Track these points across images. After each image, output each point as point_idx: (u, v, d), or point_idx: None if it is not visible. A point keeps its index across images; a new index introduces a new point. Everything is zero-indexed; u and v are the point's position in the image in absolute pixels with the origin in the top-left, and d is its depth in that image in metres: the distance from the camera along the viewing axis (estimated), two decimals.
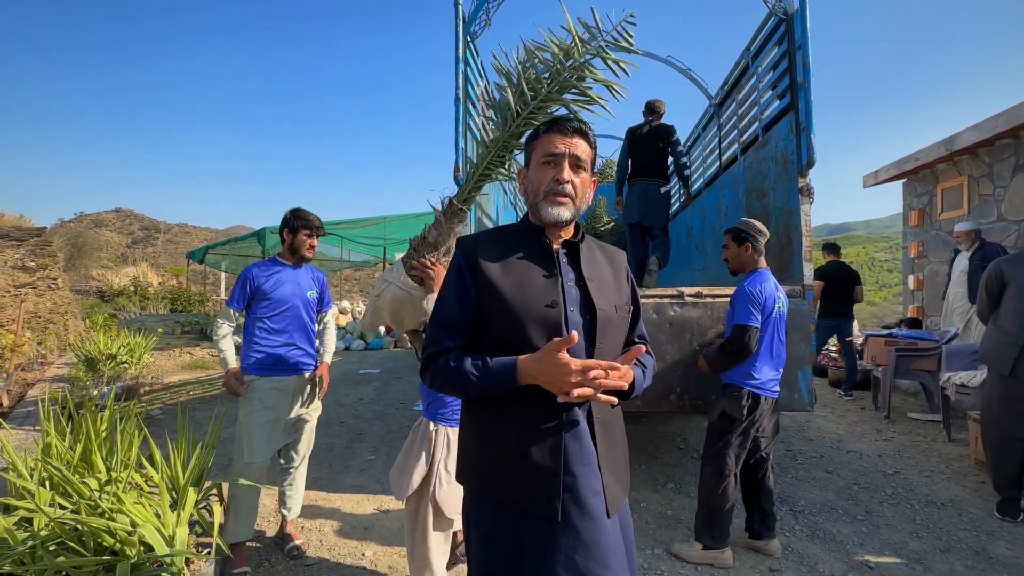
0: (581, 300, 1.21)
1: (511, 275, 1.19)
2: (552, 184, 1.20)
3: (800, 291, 3.12)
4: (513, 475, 1.13)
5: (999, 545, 2.68)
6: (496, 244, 1.25)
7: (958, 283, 5.03)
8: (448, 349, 1.18)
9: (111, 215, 58.17)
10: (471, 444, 1.24)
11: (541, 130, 1.26)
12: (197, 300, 16.85)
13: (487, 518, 1.17)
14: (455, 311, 1.20)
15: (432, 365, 1.19)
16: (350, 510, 3.15)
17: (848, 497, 3.28)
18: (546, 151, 1.22)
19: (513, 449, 1.14)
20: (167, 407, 5.52)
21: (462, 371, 1.13)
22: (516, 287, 1.18)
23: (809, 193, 3.22)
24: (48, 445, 2.56)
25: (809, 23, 3.22)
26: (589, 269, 1.25)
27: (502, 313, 1.16)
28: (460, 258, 1.24)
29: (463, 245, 1.26)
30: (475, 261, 1.21)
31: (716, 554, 2.51)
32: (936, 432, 4.55)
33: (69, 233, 27.01)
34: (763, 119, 4.05)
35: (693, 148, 6.60)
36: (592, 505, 1.12)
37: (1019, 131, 5.20)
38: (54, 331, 8.85)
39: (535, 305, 1.16)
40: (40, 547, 1.94)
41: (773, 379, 2.53)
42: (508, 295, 1.17)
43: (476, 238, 1.27)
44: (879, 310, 20.05)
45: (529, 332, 1.15)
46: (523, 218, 1.33)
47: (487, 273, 1.19)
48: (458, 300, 1.20)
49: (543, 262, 1.23)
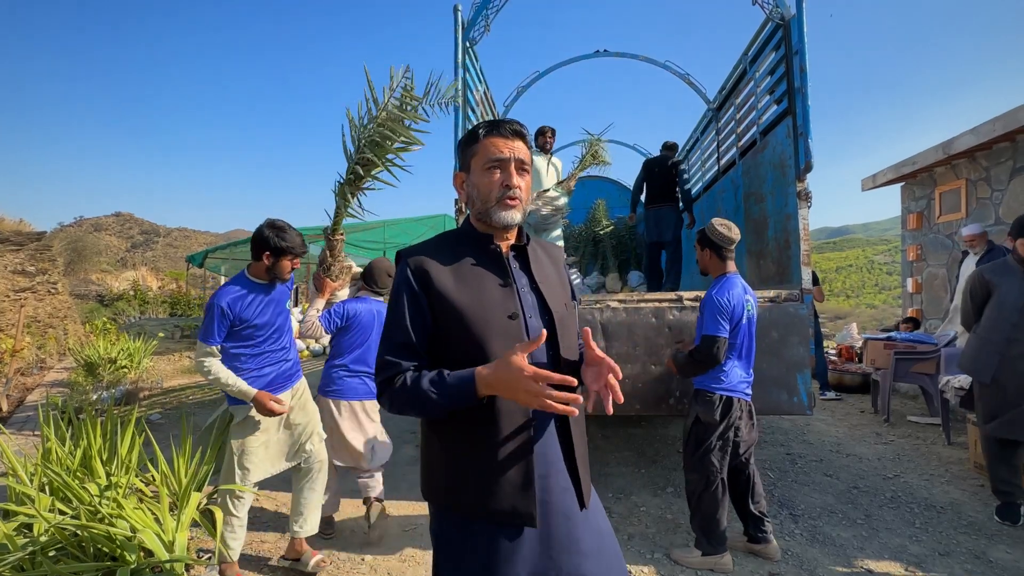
0: (537, 304, 1.20)
1: (466, 288, 1.15)
2: (503, 189, 1.17)
3: (798, 295, 3.13)
4: (486, 487, 1.10)
5: (999, 549, 2.68)
6: (443, 255, 1.19)
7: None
8: (403, 371, 1.12)
9: (111, 219, 58.23)
10: (437, 460, 1.18)
11: (481, 133, 1.20)
12: (197, 304, 16.86)
13: (458, 532, 1.13)
14: (408, 332, 1.13)
15: (388, 389, 1.12)
16: (350, 514, 3.15)
17: (848, 501, 3.28)
18: (490, 156, 1.18)
19: (483, 462, 1.11)
20: (167, 411, 5.52)
21: (420, 391, 1.07)
22: (474, 300, 1.13)
23: (807, 197, 3.24)
24: (48, 450, 2.56)
25: (806, 28, 3.24)
26: (539, 272, 1.24)
27: (462, 329, 1.12)
28: (407, 274, 1.16)
29: (408, 260, 1.17)
30: (425, 276, 1.15)
31: (715, 559, 2.51)
32: (936, 435, 4.55)
33: (69, 237, 27.03)
34: (761, 123, 4.07)
35: (692, 152, 6.62)
36: (565, 503, 1.13)
37: (1016, 135, 5.22)
38: (54, 335, 8.85)
39: (496, 317, 1.13)
40: (40, 553, 1.94)
41: (744, 381, 2.56)
42: (466, 310, 1.12)
43: (421, 251, 1.19)
44: (879, 313, 20.06)
45: (491, 346, 1.11)
46: (465, 224, 1.28)
47: (441, 288, 1.13)
48: (411, 319, 1.14)
49: (496, 270, 1.19)
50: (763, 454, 4.11)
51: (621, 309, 3.17)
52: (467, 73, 3.65)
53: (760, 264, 4.04)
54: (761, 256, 4.01)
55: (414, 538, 2.86)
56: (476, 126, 1.22)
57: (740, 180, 4.56)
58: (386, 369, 1.13)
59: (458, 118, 3.45)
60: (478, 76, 4.21)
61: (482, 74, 4.40)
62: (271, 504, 3.29)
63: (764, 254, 3.93)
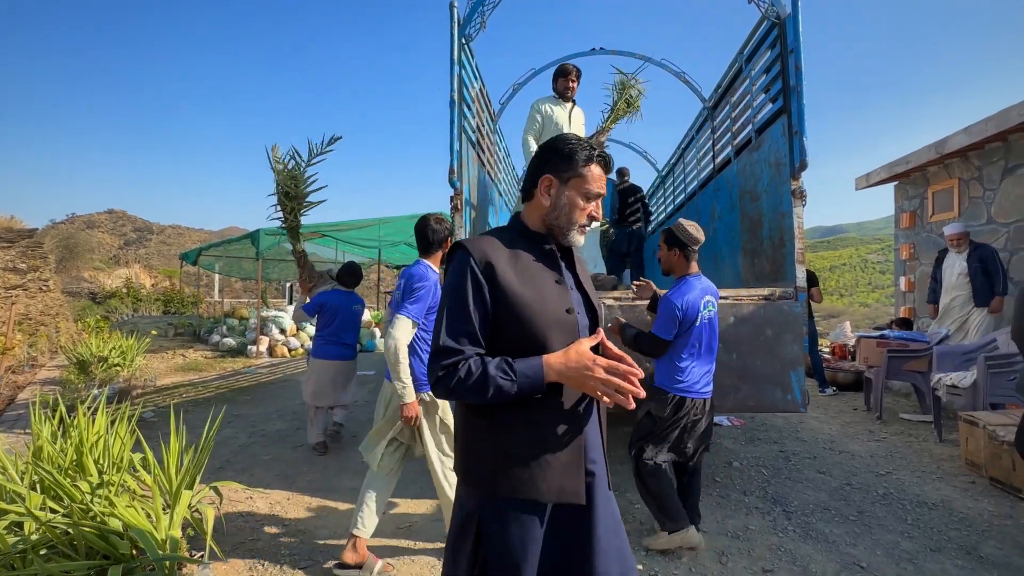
0: (583, 302, 1.28)
1: (529, 282, 1.20)
2: (587, 220, 1.27)
3: (792, 293, 3.14)
4: (540, 467, 1.15)
5: (989, 544, 2.71)
6: (503, 249, 1.22)
7: (958, 286, 5.00)
8: (467, 357, 1.14)
9: (103, 216, 57.78)
10: (486, 444, 1.20)
11: (592, 159, 1.23)
12: (190, 302, 16.77)
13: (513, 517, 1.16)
14: (471, 319, 1.16)
15: (451, 374, 1.13)
16: (345, 512, 3.14)
17: (840, 497, 3.30)
18: (592, 189, 1.24)
19: (538, 443, 1.16)
20: (160, 409, 5.49)
21: (488, 376, 1.10)
22: (536, 294, 1.19)
23: (802, 196, 3.25)
24: (39, 448, 2.54)
25: (802, 27, 3.24)
26: (581, 273, 1.33)
27: (523, 321, 1.17)
28: (471, 264, 1.18)
29: (472, 250, 1.19)
30: (490, 268, 1.17)
31: (681, 535, 2.56)
32: (927, 433, 4.59)
33: (61, 234, 26.80)
34: (756, 122, 4.08)
35: (687, 151, 6.64)
36: (604, 484, 1.24)
37: (1008, 135, 5.26)
38: (45, 333, 8.77)
39: (554, 312, 1.19)
40: (31, 551, 1.93)
41: (702, 380, 2.62)
42: (531, 303, 1.17)
43: (483, 243, 1.22)
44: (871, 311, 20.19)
45: (550, 338, 1.17)
46: (518, 222, 1.32)
47: (504, 280, 1.17)
48: (475, 307, 1.16)
49: (552, 267, 1.26)
50: (757, 451, 4.13)
51: (616, 307, 3.17)
52: (463, 70, 3.64)
53: (755, 262, 4.05)
54: (756, 254, 4.02)
55: (408, 534, 2.85)
56: (581, 145, 1.24)
57: (735, 178, 4.57)
58: (448, 355, 1.14)
59: (453, 115, 3.43)
60: (474, 73, 4.20)
61: (478, 71, 4.39)
62: (264, 503, 3.28)
63: (759, 252, 3.95)
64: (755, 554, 2.64)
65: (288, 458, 4.09)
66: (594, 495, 1.20)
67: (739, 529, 2.89)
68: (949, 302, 5.12)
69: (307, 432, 4.37)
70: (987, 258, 4.83)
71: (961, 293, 4.99)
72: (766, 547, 2.70)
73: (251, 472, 3.79)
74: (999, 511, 3.07)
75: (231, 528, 2.92)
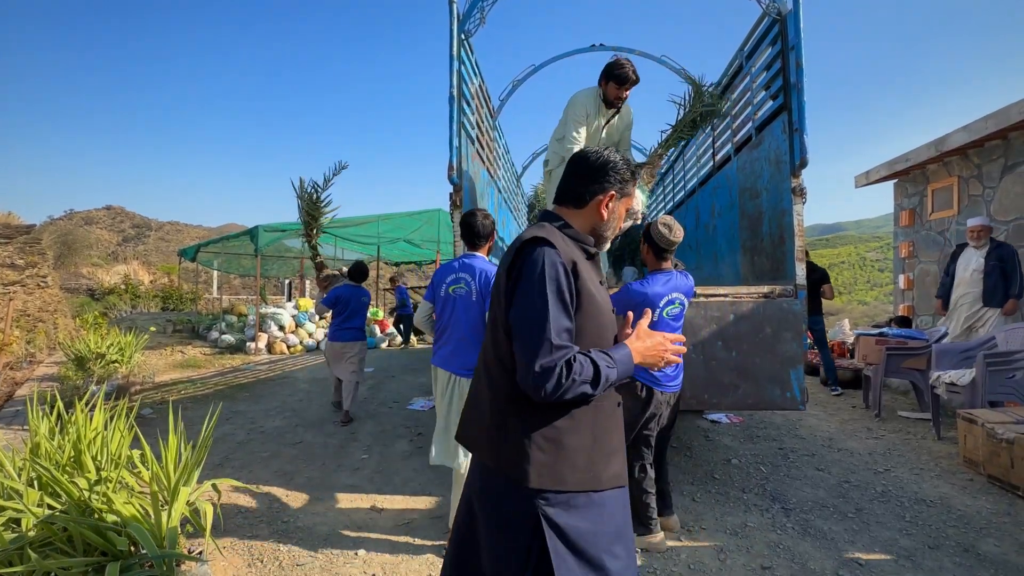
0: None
1: (596, 285, 1.30)
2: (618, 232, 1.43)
3: (792, 290, 3.13)
4: (603, 459, 1.26)
5: (987, 542, 2.71)
6: (575, 251, 1.29)
7: (971, 282, 4.85)
8: (574, 352, 1.17)
9: (102, 212, 57.61)
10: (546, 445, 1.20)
11: (634, 179, 1.40)
12: (189, 298, 16.74)
13: (582, 510, 1.21)
14: (569, 317, 1.21)
15: (567, 370, 1.14)
16: (343, 509, 3.14)
17: (839, 495, 3.31)
18: (632, 207, 1.43)
19: (614, 436, 1.30)
20: (158, 406, 5.48)
21: (597, 368, 1.17)
22: (604, 296, 1.31)
23: (802, 193, 3.24)
24: (37, 445, 2.53)
25: (802, 24, 3.23)
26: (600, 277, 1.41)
27: (595, 319, 1.26)
28: (562, 263, 1.21)
29: (558, 250, 1.22)
30: (575, 268, 1.23)
31: (647, 539, 2.61)
32: (926, 430, 4.59)
33: (59, 231, 26.74)
34: (756, 119, 4.07)
35: (687, 148, 6.62)
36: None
37: (1008, 132, 5.26)
38: (43, 330, 8.75)
39: (609, 312, 1.32)
40: (28, 548, 1.92)
41: (666, 374, 2.64)
42: (602, 303, 1.29)
43: (561, 243, 1.25)
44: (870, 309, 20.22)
45: (607, 336, 1.31)
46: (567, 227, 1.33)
47: (584, 281, 1.25)
48: (567, 305, 1.21)
49: (598, 271, 1.37)
50: (756, 448, 4.14)
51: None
52: (462, 66, 3.62)
53: (755, 260, 4.05)
54: (756, 252, 4.02)
55: (408, 532, 2.85)
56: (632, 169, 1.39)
57: (735, 176, 4.56)
58: (560, 351, 1.15)
59: (453, 111, 3.41)
60: (473, 69, 4.18)
61: (478, 67, 4.37)
62: (262, 500, 3.28)
63: (759, 250, 3.94)
64: (754, 551, 2.64)
65: (286, 455, 4.09)
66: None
67: (738, 526, 2.89)
68: (958, 298, 5.00)
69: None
70: (1007, 257, 4.68)
71: (972, 290, 4.86)
72: (765, 544, 2.71)
73: (249, 469, 3.79)
74: (997, 509, 3.08)
75: (229, 525, 2.92)
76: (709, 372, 3.10)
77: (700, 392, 3.09)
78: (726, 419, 4.92)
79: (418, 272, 22.59)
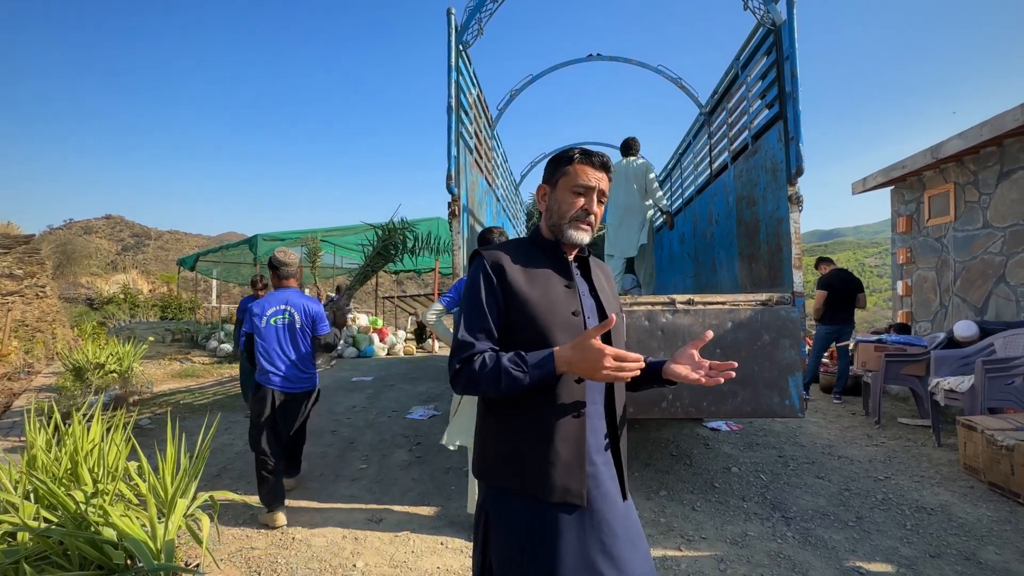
0: (595, 308, 1.35)
1: (536, 284, 1.28)
2: (580, 212, 1.31)
3: (790, 298, 3.14)
4: (542, 464, 1.20)
5: (988, 550, 2.70)
6: (515, 254, 1.33)
7: None
8: (481, 351, 1.23)
9: (101, 222, 57.66)
10: (494, 440, 1.29)
11: (575, 158, 1.32)
12: (188, 307, 16.71)
13: (514, 511, 1.22)
14: (485, 316, 1.26)
15: (467, 367, 1.22)
16: (342, 520, 3.12)
17: (839, 503, 3.29)
18: (579, 181, 1.30)
19: (540, 443, 1.22)
20: (156, 416, 5.46)
21: (501, 367, 1.18)
22: (542, 295, 1.27)
23: (798, 201, 3.26)
24: (33, 457, 2.52)
25: (797, 34, 3.26)
26: (597, 281, 1.39)
27: (529, 319, 1.25)
28: (484, 266, 1.29)
29: (485, 255, 1.32)
30: (500, 269, 1.28)
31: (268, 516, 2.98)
32: (926, 437, 4.58)
33: (58, 240, 26.74)
34: (753, 128, 4.10)
35: (684, 156, 6.66)
36: (612, 491, 1.25)
37: (1003, 139, 5.29)
38: (42, 340, 8.74)
39: (560, 312, 1.27)
40: (24, 562, 1.91)
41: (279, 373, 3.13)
42: (535, 302, 1.26)
43: (498, 251, 1.33)
44: (869, 315, 20.22)
45: (555, 336, 1.24)
46: (535, 232, 1.41)
47: (513, 281, 1.27)
48: (487, 305, 1.26)
49: (562, 272, 1.33)
50: (755, 456, 4.12)
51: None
52: (460, 76, 3.65)
53: (752, 267, 4.06)
54: (753, 259, 4.03)
55: (407, 543, 2.84)
56: (570, 150, 1.34)
57: (732, 184, 4.58)
58: (464, 349, 1.23)
59: (451, 121, 3.44)
60: (471, 79, 4.21)
61: (475, 77, 4.41)
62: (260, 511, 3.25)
63: (756, 258, 3.95)
64: (754, 561, 2.63)
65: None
66: (592, 498, 1.20)
67: (738, 535, 2.88)
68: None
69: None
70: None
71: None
72: (765, 554, 2.69)
73: (248, 479, 3.77)
74: (998, 516, 3.07)
75: (227, 537, 2.90)
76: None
77: (699, 400, 3.09)
78: (725, 427, 4.91)
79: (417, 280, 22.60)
